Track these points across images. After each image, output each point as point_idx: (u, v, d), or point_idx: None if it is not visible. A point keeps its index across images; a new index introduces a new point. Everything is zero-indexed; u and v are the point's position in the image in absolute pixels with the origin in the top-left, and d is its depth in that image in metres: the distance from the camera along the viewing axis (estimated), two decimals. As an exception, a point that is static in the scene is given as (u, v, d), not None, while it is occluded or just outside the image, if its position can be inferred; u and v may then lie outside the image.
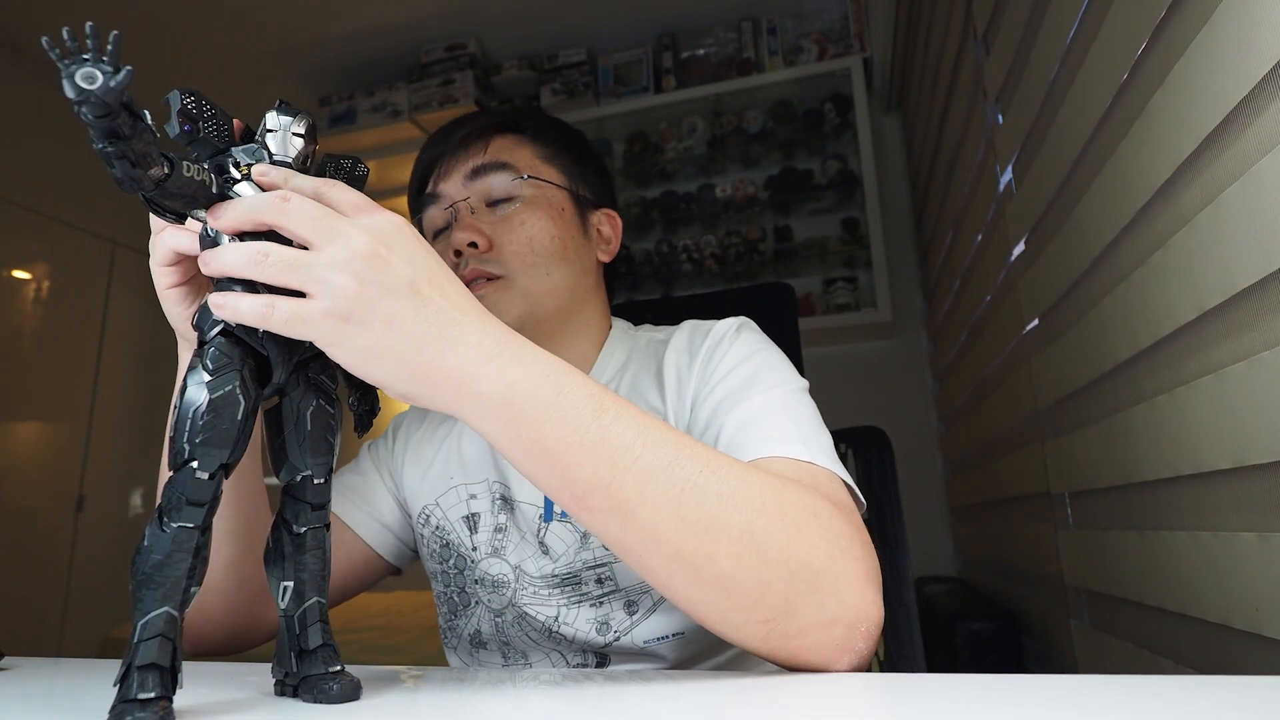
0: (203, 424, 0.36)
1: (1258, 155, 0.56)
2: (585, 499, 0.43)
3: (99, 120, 0.34)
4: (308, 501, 0.42)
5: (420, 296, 0.41)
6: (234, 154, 0.41)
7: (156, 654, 0.34)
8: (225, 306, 0.39)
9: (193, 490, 0.36)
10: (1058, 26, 0.99)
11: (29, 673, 0.49)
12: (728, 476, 0.44)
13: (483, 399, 0.41)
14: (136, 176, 0.37)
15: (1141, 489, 0.84)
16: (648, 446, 0.43)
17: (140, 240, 3.09)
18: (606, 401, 0.44)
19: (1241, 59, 0.58)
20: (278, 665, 0.41)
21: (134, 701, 0.33)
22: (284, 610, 0.41)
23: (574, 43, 2.77)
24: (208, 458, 0.36)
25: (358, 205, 0.42)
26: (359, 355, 0.40)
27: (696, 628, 0.64)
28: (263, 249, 0.39)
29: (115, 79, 0.33)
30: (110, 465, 2.90)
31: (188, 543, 0.36)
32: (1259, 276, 0.57)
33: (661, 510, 0.42)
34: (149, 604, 0.35)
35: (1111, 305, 0.87)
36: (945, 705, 0.36)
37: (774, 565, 0.43)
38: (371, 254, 0.40)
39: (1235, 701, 0.34)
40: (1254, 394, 0.59)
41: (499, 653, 0.70)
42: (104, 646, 2.05)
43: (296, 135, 0.43)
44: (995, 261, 1.44)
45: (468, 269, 0.69)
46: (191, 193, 0.39)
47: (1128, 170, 0.80)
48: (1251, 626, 0.62)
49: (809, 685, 0.42)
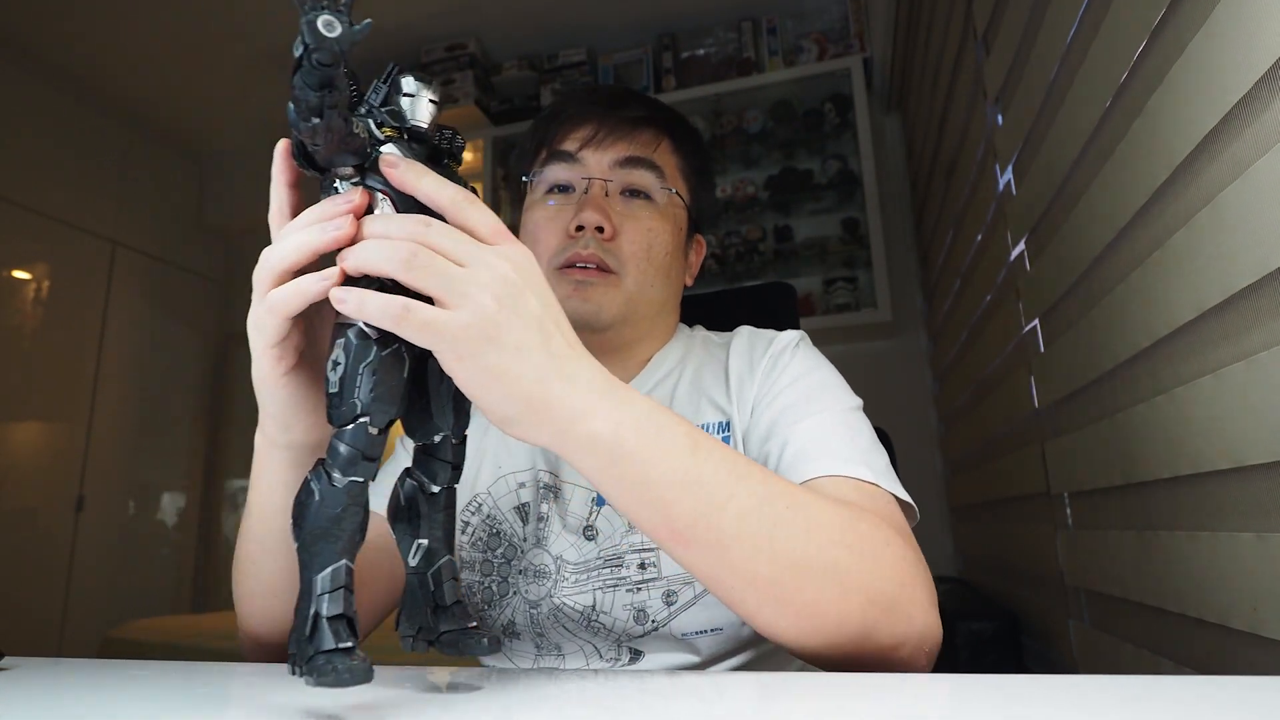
0: (375, 381, 0.37)
1: (1256, 155, 0.57)
2: (684, 534, 0.44)
3: (323, 69, 0.35)
4: (448, 461, 0.42)
5: (545, 331, 0.42)
6: (377, 115, 0.42)
7: (344, 605, 0.34)
8: (348, 302, 0.38)
9: (366, 445, 0.37)
10: (1058, 26, 0.99)
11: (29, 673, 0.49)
12: (813, 512, 0.46)
13: (591, 436, 0.42)
14: (338, 127, 0.37)
15: (1141, 489, 0.84)
16: (740, 483, 0.45)
17: (140, 240, 3.10)
18: (699, 439, 0.45)
19: (1240, 59, 0.58)
20: (406, 622, 0.42)
21: (335, 651, 0.33)
22: (414, 568, 0.41)
23: (574, 43, 2.77)
24: (380, 414, 0.37)
25: (495, 231, 0.42)
26: (483, 375, 0.40)
27: (735, 624, 0.65)
28: (411, 250, 0.39)
29: (356, 29, 0.34)
30: (110, 465, 2.90)
31: (360, 497, 0.37)
32: (1257, 276, 0.57)
33: (756, 545, 0.44)
34: (328, 556, 0.35)
35: (1111, 305, 0.87)
36: (945, 705, 0.36)
37: (853, 594, 0.45)
38: (511, 280, 0.41)
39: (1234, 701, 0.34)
40: (1253, 394, 0.59)
41: (531, 643, 0.70)
42: (104, 646, 2.05)
43: (431, 102, 0.42)
44: (995, 261, 1.44)
45: (587, 250, 0.69)
46: (351, 147, 0.39)
47: (1127, 170, 0.80)
48: (1250, 627, 0.63)
49: (808, 685, 0.43)
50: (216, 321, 3.48)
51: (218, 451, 3.37)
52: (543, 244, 0.71)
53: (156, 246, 3.19)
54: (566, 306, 0.69)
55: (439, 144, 0.44)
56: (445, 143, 0.45)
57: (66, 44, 2.66)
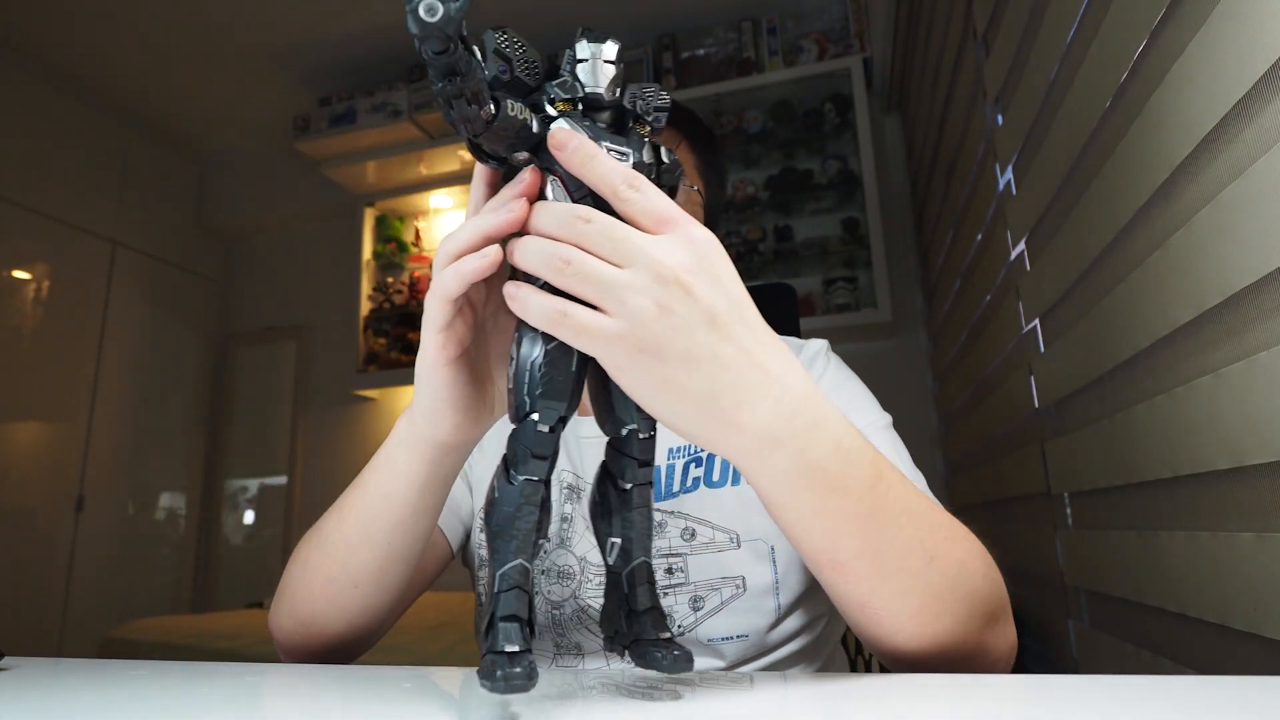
0: (541, 377, 0.37)
1: (1256, 155, 0.56)
2: (846, 565, 0.42)
3: (439, 57, 0.33)
4: (634, 457, 0.40)
5: (720, 331, 0.37)
6: (548, 90, 0.39)
7: (515, 605, 0.34)
8: (516, 299, 0.37)
9: (535, 443, 0.36)
10: (1058, 26, 0.99)
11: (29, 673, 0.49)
12: (959, 540, 0.45)
13: (772, 465, 0.39)
14: (471, 116, 0.35)
15: (1141, 489, 0.84)
16: (909, 516, 0.43)
17: (140, 240, 3.10)
18: (882, 469, 0.42)
19: (1239, 59, 0.58)
20: (607, 621, 0.41)
21: (502, 654, 0.33)
22: (611, 567, 0.40)
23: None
24: (547, 411, 0.37)
25: (662, 217, 0.38)
26: (648, 388, 0.37)
27: (761, 631, 0.64)
28: (564, 255, 0.36)
29: (453, 6, 0.32)
30: (110, 465, 2.90)
31: (533, 495, 0.36)
32: (1257, 277, 0.57)
33: (914, 578, 0.42)
34: (504, 555, 0.35)
35: (1111, 305, 0.87)
36: (945, 705, 0.36)
37: (979, 616, 0.45)
38: (674, 279, 0.36)
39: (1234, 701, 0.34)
40: (1252, 394, 0.59)
41: (551, 642, 0.69)
42: (104, 646, 2.05)
43: (607, 63, 0.40)
44: (995, 261, 1.44)
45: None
46: (515, 133, 0.38)
47: (1127, 170, 0.80)
48: (1250, 626, 0.62)
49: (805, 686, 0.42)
50: (216, 321, 3.48)
51: (218, 451, 3.37)
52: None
53: (156, 246, 3.19)
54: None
55: (631, 107, 0.41)
56: (645, 103, 0.41)
57: (66, 44, 2.66)
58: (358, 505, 0.53)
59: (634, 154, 0.40)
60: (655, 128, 0.42)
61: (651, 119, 0.42)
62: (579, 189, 0.39)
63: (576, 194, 0.39)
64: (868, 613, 0.43)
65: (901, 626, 0.43)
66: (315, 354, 3.32)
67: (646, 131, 0.42)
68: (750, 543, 0.65)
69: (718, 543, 0.66)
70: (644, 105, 0.42)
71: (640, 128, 0.42)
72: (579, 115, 0.40)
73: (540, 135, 0.38)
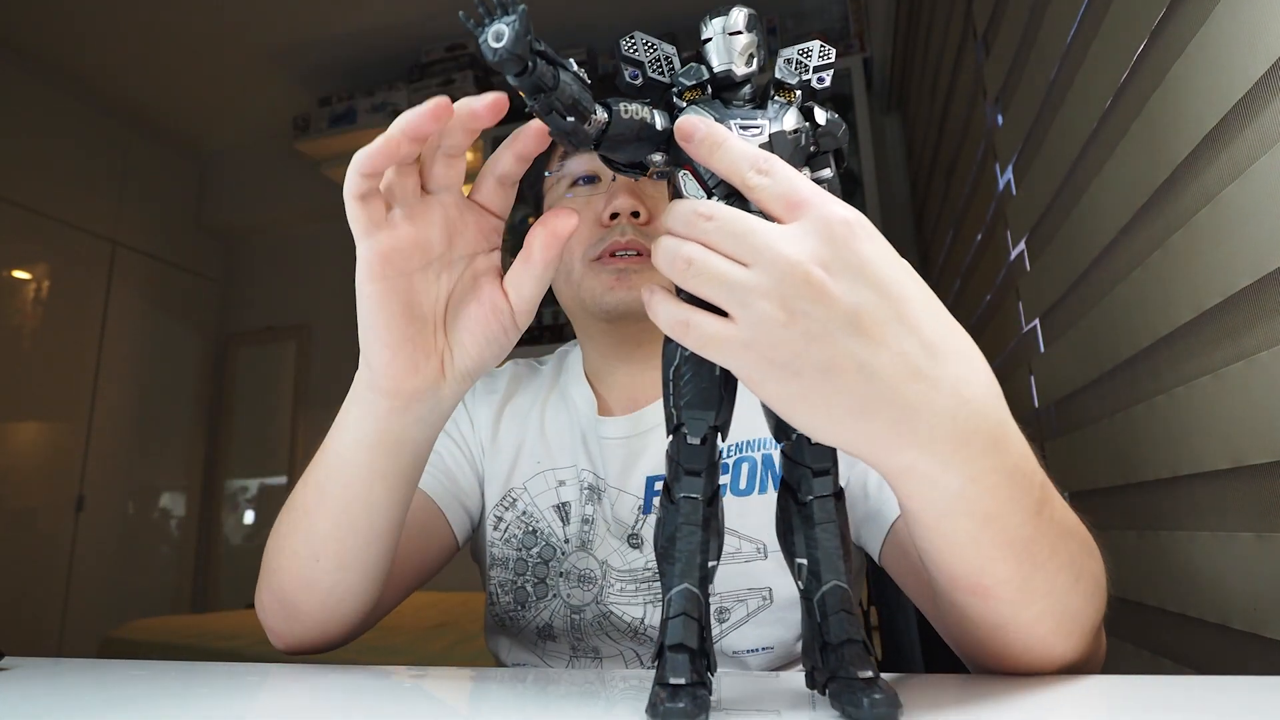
0: (685, 384, 0.34)
1: (1255, 155, 0.56)
2: (991, 590, 0.37)
3: (519, 79, 0.33)
4: (807, 465, 0.35)
5: (867, 335, 0.31)
6: (676, 81, 0.37)
7: (683, 634, 0.32)
8: (649, 305, 0.35)
9: (687, 458, 0.34)
10: (1058, 26, 0.99)
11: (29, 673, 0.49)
12: (1094, 553, 0.42)
13: (941, 486, 0.34)
14: (572, 129, 0.34)
15: (1141, 489, 0.84)
16: (1064, 539, 0.38)
17: (140, 240, 3.10)
18: (1047, 494, 0.38)
19: (1239, 59, 0.58)
20: (806, 656, 0.36)
21: (668, 686, 0.31)
22: (803, 591, 0.35)
23: (574, 42, 2.77)
24: (695, 422, 0.34)
25: (791, 200, 0.33)
26: (787, 402, 0.32)
27: (788, 643, 0.62)
28: (686, 255, 0.33)
29: (515, 28, 0.31)
30: (110, 465, 2.90)
31: (694, 515, 0.33)
32: (1256, 277, 0.57)
33: (1057, 601, 0.39)
34: (670, 579, 0.33)
35: (1110, 305, 0.87)
36: (945, 705, 0.36)
37: (1099, 631, 0.43)
38: (805, 278, 0.31)
39: (1234, 701, 0.34)
40: (1252, 394, 0.59)
41: (568, 645, 0.67)
42: (104, 646, 2.05)
43: (734, 34, 0.37)
44: (995, 261, 1.44)
45: (625, 237, 0.65)
46: (635, 134, 0.36)
47: (1126, 170, 0.80)
48: (1250, 626, 0.62)
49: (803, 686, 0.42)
50: (216, 321, 3.48)
51: (218, 451, 3.37)
52: (574, 240, 0.67)
53: (156, 246, 3.19)
54: (611, 300, 0.65)
55: (789, 80, 0.38)
56: (798, 73, 0.38)
57: (66, 44, 2.66)
58: (316, 464, 0.50)
59: (771, 124, 0.36)
60: (817, 90, 0.38)
61: (814, 79, 0.38)
62: (713, 179, 0.36)
63: (711, 184, 0.36)
64: (997, 634, 0.39)
65: (1030, 648, 0.40)
66: (315, 354, 3.32)
67: (795, 97, 0.38)
68: (779, 553, 0.64)
69: (744, 553, 0.63)
70: (796, 68, 0.38)
71: (785, 94, 0.38)
72: (708, 99, 0.37)
73: (669, 131, 0.36)
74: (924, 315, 0.33)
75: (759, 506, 0.64)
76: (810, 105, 0.38)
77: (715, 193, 0.35)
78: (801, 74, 0.38)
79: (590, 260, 0.67)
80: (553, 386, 0.77)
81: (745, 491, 0.65)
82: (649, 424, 0.69)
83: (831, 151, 0.39)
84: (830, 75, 0.38)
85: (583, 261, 0.67)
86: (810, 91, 0.38)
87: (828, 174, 0.39)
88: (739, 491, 0.65)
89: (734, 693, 0.38)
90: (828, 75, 0.38)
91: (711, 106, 0.36)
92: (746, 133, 0.36)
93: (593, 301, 0.67)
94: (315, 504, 0.49)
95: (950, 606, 0.41)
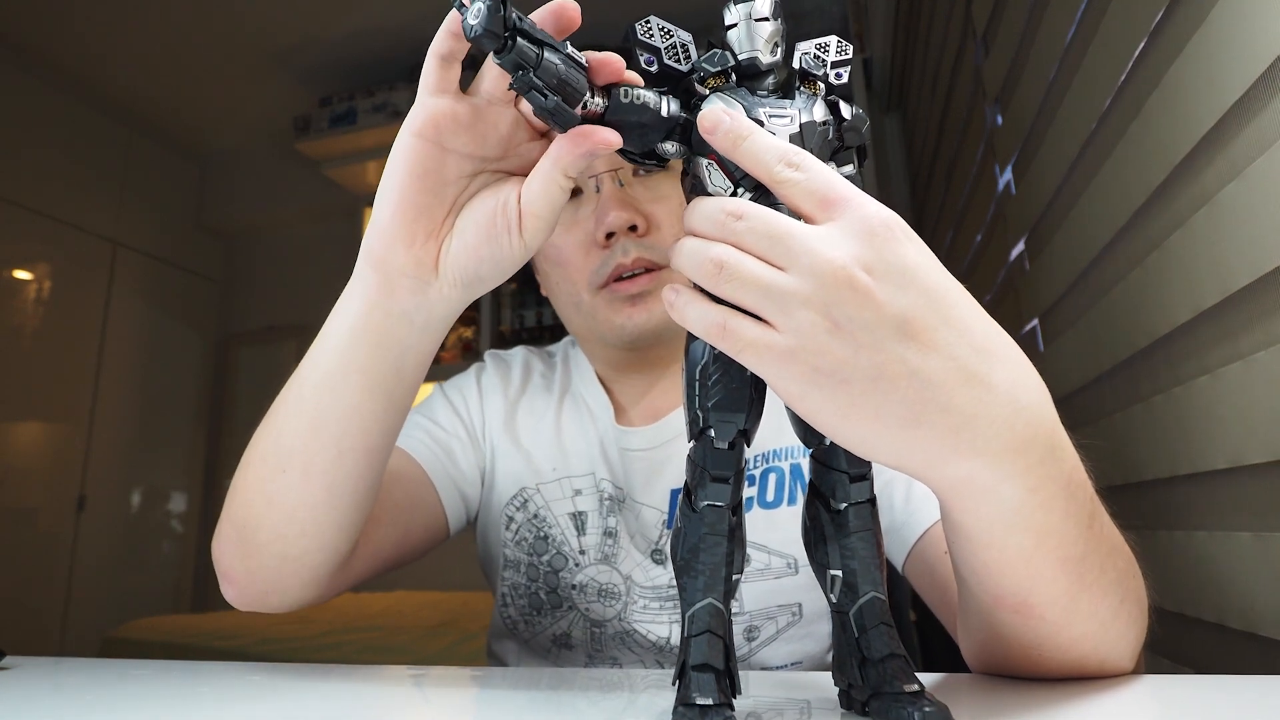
0: (713, 385, 0.32)
1: (1254, 155, 0.57)
2: (1034, 608, 0.35)
3: (500, 56, 0.32)
4: (843, 470, 0.33)
5: (917, 340, 0.30)
6: (697, 67, 0.35)
7: (707, 652, 0.30)
8: (675, 306, 0.32)
9: (714, 463, 0.32)
10: (1057, 26, 0.99)
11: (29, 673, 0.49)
12: (1138, 571, 0.40)
13: (995, 498, 0.32)
14: (555, 108, 0.33)
15: (1139, 489, 0.84)
16: (1109, 559, 0.37)
17: (140, 240, 3.10)
18: (1097, 508, 0.36)
19: (1238, 59, 0.58)
20: (839, 673, 0.34)
21: (693, 707, 0.29)
22: (836, 605, 0.34)
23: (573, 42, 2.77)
24: (723, 425, 0.32)
25: (825, 198, 0.31)
26: (831, 414, 0.30)
27: (817, 657, 0.61)
28: (716, 258, 0.31)
29: (489, 1, 0.31)
30: (110, 465, 2.90)
31: (719, 524, 0.31)
32: (1255, 277, 0.57)
33: (1099, 623, 0.37)
34: (692, 594, 0.31)
35: (1110, 305, 0.87)
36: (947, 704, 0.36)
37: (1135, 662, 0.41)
38: (847, 282, 0.29)
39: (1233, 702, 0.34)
40: (1250, 394, 0.59)
41: (584, 654, 0.64)
42: (104, 646, 2.05)
43: (760, 21, 0.35)
44: (995, 261, 1.44)
45: (629, 257, 0.59)
46: (642, 120, 0.34)
47: (1125, 170, 0.80)
48: (1247, 626, 0.63)
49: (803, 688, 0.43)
50: (216, 321, 3.48)
51: (218, 451, 3.37)
52: (572, 266, 0.62)
53: (156, 246, 3.20)
54: (631, 328, 0.61)
55: (811, 70, 0.36)
56: (820, 70, 0.36)
57: (66, 44, 2.66)
58: (302, 362, 0.46)
59: (800, 114, 0.34)
60: (835, 86, 0.36)
61: (833, 75, 0.36)
62: (739, 170, 0.33)
63: (737, 176, 0.34)
64: (1031, 653, 0.37)
65: (1063, 665, 0.38)
66: (315, 354, 3.32)
67: (820, 90, 0.36)
68: (809, 567, 0.62)
69: (774, 569, 0.61)
70: (816, 62, 0.36)
71: (810, 86, 0.36)
72: (733, 87, 0.35)
73: (688, 119, 0.35)
74: (971, 318, 0.32)
75: (788, 519, 0.61)
76: (835, 99, 0.37)
77: (743, 185, 0.34)
78: (819, 69, 0.37)
79: (597, 288, 0.62)
80: (565, 387, 0.73)
81: (773, 504, 0.62)
82: (671, 433, 0.66)
83: (855, 148, 0.38)
84: (848, 71, 0.37)
85: (589, 290, 0.62)
86: (828, 87, 0.37)
87: (850, 170, 0.37)
88: (766, 504, 0.62)
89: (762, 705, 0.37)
90: (845, 71, 0.37)
91: (738, 94, 0.34)
92: (777, 121, 0.34)
93: (611, 333, 0.63)
94: (293, 399, 0.46)
95: (985, 625, 0.39)
